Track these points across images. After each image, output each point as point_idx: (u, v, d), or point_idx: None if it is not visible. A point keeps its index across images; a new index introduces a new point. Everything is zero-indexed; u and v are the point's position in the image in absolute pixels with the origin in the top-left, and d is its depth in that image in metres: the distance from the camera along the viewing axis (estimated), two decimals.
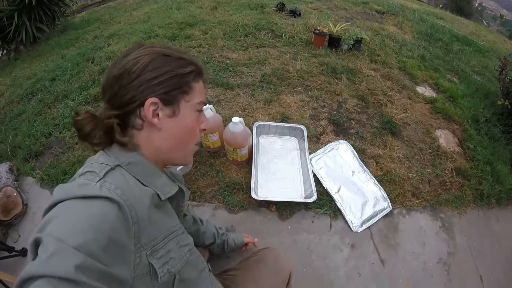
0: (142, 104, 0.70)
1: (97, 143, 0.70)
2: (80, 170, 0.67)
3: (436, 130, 2.56)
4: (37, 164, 2.26)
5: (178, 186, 0.82)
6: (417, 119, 2.60)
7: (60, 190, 0.59)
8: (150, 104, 0.70)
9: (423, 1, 9.91)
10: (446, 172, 2.23)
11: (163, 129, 0.73)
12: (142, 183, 0.70)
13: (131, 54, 0.72)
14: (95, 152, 0.72)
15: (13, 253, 1.67)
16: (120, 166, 0.68)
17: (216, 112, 1.95)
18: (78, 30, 5.10)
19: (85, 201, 0.57)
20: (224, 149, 2.06)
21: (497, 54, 3.94)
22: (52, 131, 2.45)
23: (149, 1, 6.51)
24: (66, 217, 0.54)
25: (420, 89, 3.01)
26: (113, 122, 0.69)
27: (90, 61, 3.32)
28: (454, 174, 2.23)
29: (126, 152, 0.71)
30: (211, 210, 1.85)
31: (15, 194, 1.98)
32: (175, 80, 0.73)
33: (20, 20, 4.77)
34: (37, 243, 0.51)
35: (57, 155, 2.25)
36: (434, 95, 2.98)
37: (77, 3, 8.79)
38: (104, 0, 8.42)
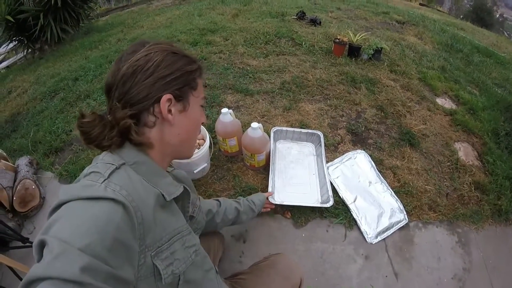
0: (157, 101, 0.72)
1: (108, 145, 0.69)
2: (85, 171, 0.68)
3: (456, 143, 2.53)
4: (56, 159, 2.35)
5: (184, 186, 0.82)
6: (436, 131, 2.58)
7: (65, 191, 0.60)
8: (166, 101, 0.72)
9: (443, 12, 9.83)
10: (464, 186, 2.21)
11: (175, 124, 0.76)
12: (148, 183, 0.70)
13: (140, 52, 0.72)
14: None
15: (27, 244, 1.71)
16: (126, 164, 0.69)
17: (236, 117, 1.99)
18: (101, 32, 5.27)
19: (90, 202, 0.57)
20: (242, 154, 2.09)
21: None
22: (73, 129, 2.55)
23: (172, 7, 6.68)
24: (70, 219, 0.54)
25: (440, 101, 2.99)
26: (130, 122, 0.69)
27: (112, 63, 3.40)
28: (473, 188, 2.20)
29: (129, 150, 0.71)
30: None
31: (33, 187, 2.04)
32: (185, 77, 0.76)
33: (45, 20, 4.95)
34: (42, 245, 0.51)
35: (77, 152, 2.34)
36: (454, 107, 2.95)
37: (101, 7, 9.06)
38: (127, 5, 8.65)
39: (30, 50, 5.45)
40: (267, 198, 1.68)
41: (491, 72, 3.86)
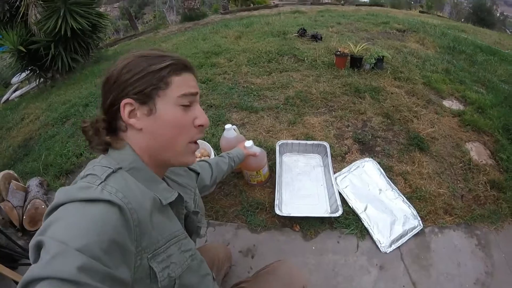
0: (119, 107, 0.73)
1: (94, 146, 0.75)
2: (82, 173, 0.69)
3: (466, 143, 2.48)
4: (67, 181, 2.40)
5: (178, 192, 0.82)
6: (446, 133, 2.54)
7: (62, 193, 0.60)
8: (125, 105, 0.72)
9: (444, 16, 9.83)
10: (479, 186, 2.15)
11: (144, 128, 0.73)
12: (144, 187, 0.71)
13: (116, 61, 0.75)
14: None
15: None
16: (122, 169, 0.70)
17: (241, 133, 2.00)
18: (110, 61, 5.46)
19: (87, 204, 0.57)
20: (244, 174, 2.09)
21: None
22: (83, 152, 2.62)
23: (177, 33, 6.86)
24: (67, 220, 0.55)
25: (446, 103, 2.95)
26: (99, 126, 0.74)
27: None
28: (488, 188, 2.13)
29: (126, 155, 0.73)
30: (234, 230, 1.88)
31: (43, 206, 2.09)
32: (147, 77, 0.72)
33: (56, 50, 5.14)
34: (39, 246, 0.52)
35: None
36: (462, 107, 2.91)
37: (110, 38, 9.39)
38: (135, 34, 8.93)
39: (42, 79, 5.65)
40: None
41: (496, 69, 3.81)
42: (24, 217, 2.02)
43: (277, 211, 1.78)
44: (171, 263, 0.72)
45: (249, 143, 1.78)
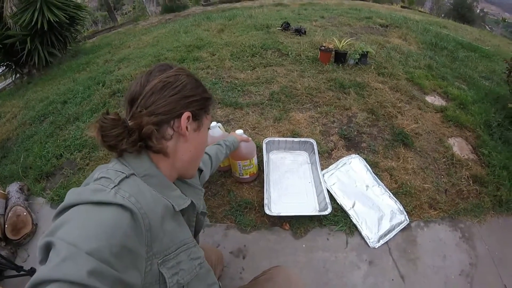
0: (178, 116, 0.78)
1: (124, 149, 0.72)
2: (95, 175, 0.68)
3: (449, 139, 2.53)
4: (47, 184, 2.32)
5: (191, 200, 0.85)
6: (429, 129, 2.59)
7: (74, 194, 0.61)
8: (187, 117, 0.79)
9: (425, 12, 10.00)
10: (462, 180, 2.20)
11: (189, 140, 0.82)
12: (157, 193, 0.72)
13: (170, 71, 0.80)
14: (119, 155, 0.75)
15: (22, 272, 1.67)
16: (135, 175, 0.71)
17: (226, 131, 1.97)
18: (89, 54, 5.29)
19: (99, 207, 0.58)
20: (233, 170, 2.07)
21: (503, 58, 3.92)
22: (63, 153, 2.52)
23: (158, 26, 6.74)
24: (79, 222, 0.55)
25: (429, 99, 3.00)
26: (152, 128, 0.73)
27: (101, 85, 3.44)
28: (471, 182, 2.19)
29: (141, 162, 0.74)
30: (223, 230, 1.86)
31: (25, 213, 2.02)
32: (203, 101, 0.85)
33: (32, 44, 4.98)
34: (48, 247, 0.52)
35: (68, 176, 2.31)
36: (444, 103, 2.96)
37: (88, 30, 9.12)
38: (114, 26, 8.73)
39: (18, 75, 5.49)
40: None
41: (477, 66, 3.92)
42: (6, 225, 1.95)
43: (267, 211, 1.77)
44: (181, 269, 0.73)
45: (239, 131, 1.81)
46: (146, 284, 0.63)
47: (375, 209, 1.94)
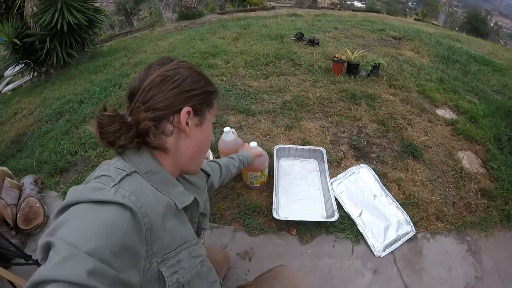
0: (177, 111, 0.76)
1: (122, 145, 0.71)
2: (96, 173, 0.68)
3: (459, 152, 2.55)
4: (61, 179, 2.39)
5: (194, 196, 0.84)
6: (439, 142, 2.60)
7: (74, 192, 0.60)
8: (186, 112, 0.77)
9: (438, 25, 9.98)
10: (470, 193, 2.21)
11: (190, 136, 0.80)
12: (159, 191, 0.72)
13: (170, 65, 0.79)
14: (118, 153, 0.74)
15: (29, 261, 1.68)
16: (137, 173, 0.70)
17: (238, 137, 2.03)
18: (106, 57, 5.42)
19: (98, 206, 0.57)
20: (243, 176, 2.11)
21: None
22: (78, 150, 2.60)
23: (174, 32, 6.86)
24: (78, 222, 0.54)
25: (440, 112, 3.02)
26: (150, 124, 0.71)
27: (117, 87, 3.56)
28: (479, 196, 2.20)
29: (143, 158, 0.73)
30: (231, 233, 1.90)
31: (37, 205, 2.06)
32: (205, 95, 0.82)
33: (51, 44, 5.08)
34: (48, 247, 0.52)
35: (82, 172, 2.38)
36: (455, 116, 2.98)
37: (105, 33, 9.33)
38: (130, 31, 8.91)
39: (36, 73, 5.59)
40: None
41: (489, 79, 3.91)
42: (18, 215, 1.99)
43: (275, 215, 1.81)
44: (181, 268, 0.72)
45: (253, 144, 1.83)
46: (145, 282, 0.62)
47: (382, 219, 1.96)
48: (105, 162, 0.75)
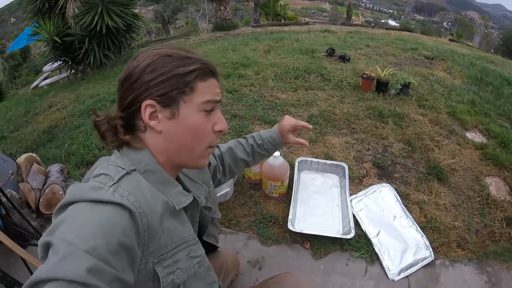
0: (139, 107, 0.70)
1: (108, 142, 0.73)
2: (95, 171, 0.69)
3: (486, 177, 2.48)
4: (86, 171, 2.46)
5: (193, 196, 0.82)
6: (466, 166, 2.54)
7: (73, 191, 0.60)
8: (146, 107, 0.69)
9: (473, 46, 9.72)
10: (495, 222, 2.14)
11: (164, 131, 0.72)
12: (157, 191, 0.71)
13: (137, 58, 0.72)
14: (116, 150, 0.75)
15: None
16: (136, 171, 0.70)
17: None
18: None
19: (97, 205, 0.57)
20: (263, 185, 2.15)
21: None
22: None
23: (208, 42, 7.04)
24: (77, 221, 0.55)
25: (469, 135, 2.95)
26: (116, 123, 0.71)
27: None
28: (504, 225, 2.13)
29: (140, 155, 0.72)
30: (245, 240, 1.93)
31: (60, 192, 2.17)
32: (173, 80, 0.70)
33: (90, 45, 5.40)
34: (47, 246, 0.52)
35: None
36: (485, 140, 2.90)
37: (141, 39, 9.70)
38: (166, 38, 9.22)
39: (73, 71, 5.94)
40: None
41: None
42: (41, 200, 2.09)
43: (290, 227, 1.84)
44: (177, 268, 0.72)
45: (277, 153, 1.87)
46: (139, 281, 0.62)
47: (400, 241, 1.94)
48: (103, 159, 0.76)
